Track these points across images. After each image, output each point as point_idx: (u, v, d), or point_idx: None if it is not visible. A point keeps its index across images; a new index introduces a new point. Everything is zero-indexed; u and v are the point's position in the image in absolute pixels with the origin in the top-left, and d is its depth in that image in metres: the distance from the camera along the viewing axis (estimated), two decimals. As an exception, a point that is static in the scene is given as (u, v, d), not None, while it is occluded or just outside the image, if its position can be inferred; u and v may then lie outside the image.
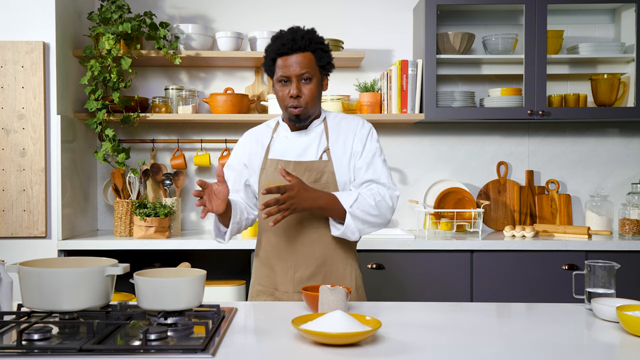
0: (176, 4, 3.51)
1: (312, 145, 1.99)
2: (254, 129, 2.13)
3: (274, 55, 1.91)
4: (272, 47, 1.92)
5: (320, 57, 1.92)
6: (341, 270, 1.98)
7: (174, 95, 3.37)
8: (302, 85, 1.90)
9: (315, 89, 1.92)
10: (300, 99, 1.90)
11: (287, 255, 1.96)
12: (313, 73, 1.91)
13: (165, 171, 3.40)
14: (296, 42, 1.88)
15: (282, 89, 1.92)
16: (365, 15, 3.51)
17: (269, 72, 1.97)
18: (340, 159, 1.97)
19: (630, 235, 3.21)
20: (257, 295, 2.03)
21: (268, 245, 2.00)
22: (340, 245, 1.98)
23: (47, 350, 1.29)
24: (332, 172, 1.94)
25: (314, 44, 1.90)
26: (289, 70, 1.89)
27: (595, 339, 1.51)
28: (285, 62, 1.89)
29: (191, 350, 1.29)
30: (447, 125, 3.53)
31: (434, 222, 3.34)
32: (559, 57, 3.30)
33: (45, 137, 2.95)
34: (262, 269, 2.03)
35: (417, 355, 1.31)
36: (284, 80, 1.91)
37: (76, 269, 1.46)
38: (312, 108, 1.94)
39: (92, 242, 2.97)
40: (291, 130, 2.02)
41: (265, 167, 2.00)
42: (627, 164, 3.54)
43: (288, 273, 1.96)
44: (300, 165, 1.95)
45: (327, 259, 1.96)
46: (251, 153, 2.06)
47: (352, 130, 2.00)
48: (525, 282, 2.96)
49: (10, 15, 2.95)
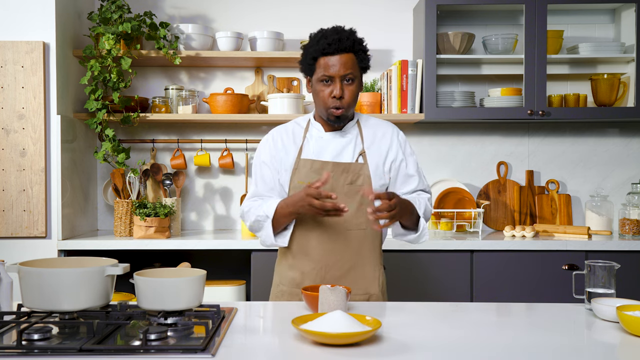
0: (176, 4, 3.51)
1: (349, 146, 1.99)
2: (283, 126, 2.09)
3: (318, 54, 1.90)
4: (315, 46, 1.91)
5: (362, 59, 1.94)
6: (370, 273, 1.99)
7: (174, 95, 3.37)
8: (345, 86, 1.91)
9: (357, 90, 1.95)
10: (343, 100, 1.91)
11: (318, 257, 1.96)
12: (355, 74, 1.92)
13: (165, 171, 3.40)
14: (342, 42, 1.88)
15: (324, 89, 1.92)
16: (365, 15, 3.51)
17: (308, 71, 1.96)
18: (376, 162, 1.98)
19: (630, 235, 3.20)
20: (281, 296, 2.02)
21: (297, 246, 1.99)
22: (370, 249, 1.99)
23: (47, 350, 1.29)
24: (368, 175, 1.96)
25: (357, 45, 1.91)
26: (333, 70, 1.88)
27: (595, 339, 1.51)
28: (329, 62, 1.89)
29: (191, 350, 1.29)
30: (447, 125, 3.53)
31: (434, 222, 3.34)
32: (559, 57, 3.30)
33: (45, 137, 2.95)
34: (288, 270, 2.01)
35: (417, 355, 1.31)
36: (326, 80, 1.91)
37: (76, 269, 1.47)
38: (351, 109, 1.96)
39: (92, 242, 2.97)
40: (325, 131, 2.02)
41: (298, 167, 1.98)
42: (627, 164, 3.54)
43: (319, 274, 1.96)
44: (338, 167, 1.95)
45: (358, 261, 1.97)
46: (282, 149, 2.02)
47: (387, 135, 2.03)
48: (525, 282, 2.96)
49: (10, 15, 2.95)
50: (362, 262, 1.97)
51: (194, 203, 3.52)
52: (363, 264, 1.97)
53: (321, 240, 1.95)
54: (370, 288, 1.98)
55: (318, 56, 1.90)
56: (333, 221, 1.94)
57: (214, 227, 3.53)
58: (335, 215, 1.82)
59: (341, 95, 1.89)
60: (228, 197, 3.53)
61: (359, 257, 1.97)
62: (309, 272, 1.97)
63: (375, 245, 2.00)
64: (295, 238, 1.99)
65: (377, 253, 2.01)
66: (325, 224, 1.95)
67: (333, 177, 1.93)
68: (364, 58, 1.94)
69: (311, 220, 1.95)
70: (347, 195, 1.94)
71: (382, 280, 2.02)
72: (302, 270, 1.98)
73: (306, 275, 1.97)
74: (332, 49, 1.87)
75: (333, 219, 1.93)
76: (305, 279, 1.97)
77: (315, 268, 1.96)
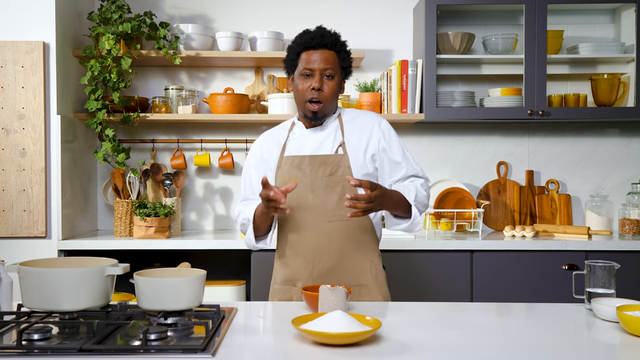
0: (176, 4, 3.51)
1: (328, 139, 2.01)
2: (269, 130, 2.17)
3: (301, 48, 1.96)
4: (298, 41, 1.97)
5: (344, 59, 1.99)
6: (360, 263, 1.99)
7: (174, 95, 3.37)
8: (325, 81, 1.95)
9: (336, 87, 1.98)
10: (321, 93, 1.94)
11: (305, 251, 1.97)
12: (335, 71, 1.96)
13: (165, 171, 3.40)
14: (324, 37, 1.94)
15: (304, 82, 1.95)
16: (365, 15, 3.51)
17: (290, 67, 2.01)
18: (356, 152, 1.99)
19: (630, 235, 3.20)
20: (274, 293, 2.05)
21: (286, 242, 2.02)
22: (357, 239, 1.99)
23: (47, 350, 1.29)
24: (348, 166, 1.96)
25: (339, 45, 1.98)
26: (314, 64, 1.93)
27: (595, 339, 1.51)
28: (310, 57, 1.94)
29: (191, 350, 1.29)
30: (447, 125, 3.53)
31: (434, 222, 3.34)
32: (559, 57, 3.30)
33: (45, 137, 2.95)
34: (281, 267, 2.04)
35: (417, 355, 1.31)
36: (306, 74, 1.95)
37: (76, 269, 1.46)
38: (330, 106, 1.98)
39: (92, 242, 2.97)
40: (306, 128, 2.05)
41: (281, 165, 2.02)
42: (627, 164, 3.54)
43: (307, 268, 1.97)
44: (315, 159, 1.97)
45: (345, 252, 1.97)
46: (267, 151, 2.08)
47: (368, 124, 2.03)
48: (525, 282, 2.96)
49: (10, 15, 2.95)
50: (350, 253, 1.97)
51: (194, 203, 3.52)
52: (351, 255, 1.98)
53: (305, 235, 1.97)
54: (362, 279, 1.98)
55: (301, 51, 1.96)
56: (315, 215, 1.95)
57: (214, 227, 3.53)
58: (275, 211, 1.81)
59: (319, 88, 1.93)
60: (228, 197, 3.53)
61: (345, 248, 1.97)
62: (298, 267, 1.99)
63: (364, 236, 2.00)
64: (282, 236, 2.03)
65: (367, 243, 2.00)
66: (308, 218, 1.96)
67: (311, 170, 1.96)
68: (345, 58, 1.99)
69: (294, 216, 1.97)
70: (327, 187, 1.95)
71: (376, 272, 2.00)
72: (291, 266, 2.00)
73: (295, 271, 1.99)
74: (315, 42, 1.94)
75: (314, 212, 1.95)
76: (295, 275, 1.99)
77: (303, 263, 1.98)
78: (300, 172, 1.97)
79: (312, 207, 1.96)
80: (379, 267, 2.03)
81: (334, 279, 1.96)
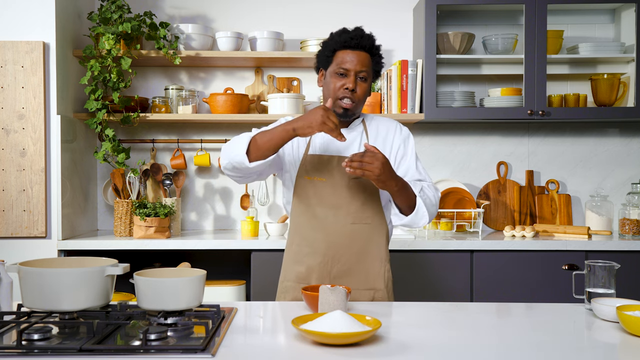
0: (176, 4, 3.52)
1: (355, 142, 2.01)
2: None
3: (338, 46, 1.95)
4: (336, 39, 1.96)
5: (377, 62, 2.00)
6: (377, 268, 1.98)
7: (174, 95, 3.37)
8: (358, 83, 1.95)
9: (368, 89, 1.99)
10: (355, 94, 1.94)
11: (324, 251, 1.96)
12: (369, 74, 1.97)
13: (165, 171, 3.40)
14: (363, 39, 1.94)
15: (337, 81, 1.94)
16: (365, 15, 3.51)
17: (324, 63, 2.00)
18: None
19: (630, 235, 3.20)
20: (286, 292, 2.02)
21: (303, 240, 1.99)
22: (376, 244, 1.98)
23: (47, 350, 1.29)
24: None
25: (375, 48, 1.98)
26: (350, 65, 1.92)
27: (595, 339, 1.51)
28: (347, 56, 1.93)
29: (191, 350, 1.29)
30: (447, 125, 3.53)
31: (433, 222, 3.34)
32: (559, 57, 3.30)
33: (45, 137, 2.95)
34: (294, 265, 2.01)
35: (417, 355, 1.31)
36: (340, 73, 1.94)
37: (76, 269, 1.46)
38: (360, 107, 1.99)
39: (92, 242, 2.97)
40: None
41: (305, 162, 1.99)
42: (627, 164, 3.54)
43: (325, 268, 1.96)
44: (343, 160, 1.95)
45: (364, 256, 1.97)
46: (296, 142, 2.02)
47: (391, 131, 2.06)
48: (525, 282, 2.96)
49: (10, 15, 2.95)
50: (368, 257, 1.97)
51: (194, 203, 3.52)
52: (369, 259, 1.97)
53: (327, 234, 1.96)
54: (376, 283, 1.98)
55: (338, 49, 1.95)
56: (339, 215, 1.95)
57: (214, 227, 3.53)
58: (334, 135, 1.79)
59: (354, 89, 1.93)
60: (228, 197, 3.53)
61: (365, 252, 1.97)
62: (315, 266, 1.97)
63: (382, 241, 2.00)
64: (298, 232, 2.00)
65: (383, 249, 2.01)
66: (331, 218, 1.95)
67: (338, 172, 1.96)
68: (378, 62, 2.00)
69: (316, 214, 1.95)
70: (352, 188, 1.96)
71: (387, 277, 2.01)
72: (307, 264, 1.98)
73: (312, 269, 1.97)
74: (353, 43, 1.93)
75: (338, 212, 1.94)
76: (311, 274, 1.97)
77: (322, 262, 1.96)
78: (327, 171, 1.96)
79: (336, 207, 1.95)
80: (390, 273, 2.03)
81: (352, 281, 1.95)
